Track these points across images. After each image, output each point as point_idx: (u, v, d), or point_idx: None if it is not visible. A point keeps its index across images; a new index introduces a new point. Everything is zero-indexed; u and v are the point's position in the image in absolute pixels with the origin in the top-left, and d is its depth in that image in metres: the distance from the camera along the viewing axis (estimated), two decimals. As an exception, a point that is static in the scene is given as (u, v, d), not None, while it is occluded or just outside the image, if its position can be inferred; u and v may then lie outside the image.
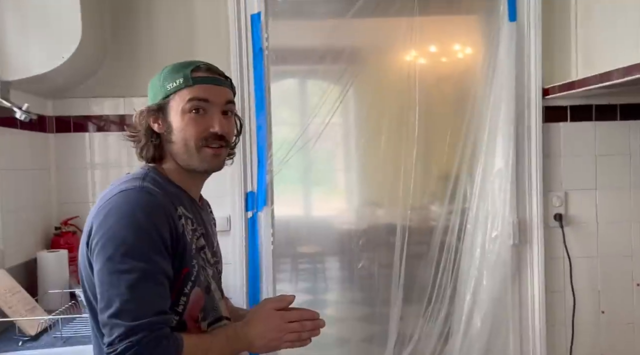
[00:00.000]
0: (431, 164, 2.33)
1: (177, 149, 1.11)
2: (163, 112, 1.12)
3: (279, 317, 1.08)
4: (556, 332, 2.24)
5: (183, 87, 1.10)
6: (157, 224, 1.00)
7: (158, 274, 0.98)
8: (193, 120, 1.09)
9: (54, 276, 1.88)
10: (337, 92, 2.25)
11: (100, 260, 0.98)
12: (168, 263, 1.01)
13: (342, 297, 2.52)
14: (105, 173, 2.17)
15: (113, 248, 0.97)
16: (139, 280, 0.95)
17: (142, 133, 1.13)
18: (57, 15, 1.83)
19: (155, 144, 1.13)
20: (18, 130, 1.91)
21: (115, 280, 0.96)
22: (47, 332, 1.61)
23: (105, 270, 0.97)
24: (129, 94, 2.14)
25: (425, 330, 2.27)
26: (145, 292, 0.96)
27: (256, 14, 2.16)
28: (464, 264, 2.26)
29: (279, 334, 1.08)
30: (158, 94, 1.13)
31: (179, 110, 1.10)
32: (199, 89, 1.10)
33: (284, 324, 1.08)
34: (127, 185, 1.04)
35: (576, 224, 2.24)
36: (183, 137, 1.10)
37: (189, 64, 1.13)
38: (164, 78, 1.13)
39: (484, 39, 2.26)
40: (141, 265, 0.96)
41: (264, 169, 2.19)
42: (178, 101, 1.10)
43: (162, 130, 1.12)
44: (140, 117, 1.13)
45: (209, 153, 1.11)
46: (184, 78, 1.10)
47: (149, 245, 0.98)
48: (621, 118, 2.24)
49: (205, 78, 1.11)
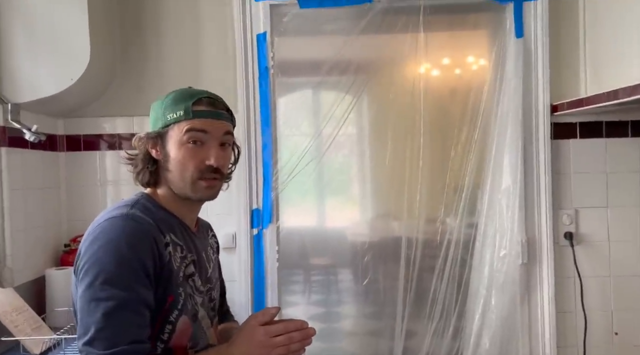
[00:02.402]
0: (438, 177, 2.31)
1: (173, 177, 1.13)
2: (162, 140, 1.14)
3: (262, 333, 1.04)
4: (568, 354, 2.18)
5: (182, 119, 1.11)
6: (140, 253, 1.01)
7: (136, 303, 0.98)
8: (190, 152, 1.11)
9: (61, 294, 1.91)
10: (343, 108, 2.25)
11: (82, 286, 1.00)
12: (149, 292, 1.01)
13: (354, 310, 2.50)
14: (115, 190, 2.20)
15: (94, 275, 0.98)
16: (116, 309, 0.96)
17: (140, 158, 1.16)
18: (66, 38, 1.88)
19: (151, 170, 1.15)
20: (29, 150, 1.95)
21: (93, 307, 0.97)
22: (52, 351, 1.64)
23: (84, 297, 0.98)
24: (138, 113, 2.18)
25: (434, 348, 2.25)
26: (120, 320, 0.96)
27: (262, 33, 2.19)
28: (473, 282, 2.23)
29: (264, 351, 1.03)
30: (158, 121, 1.15)
31: (177, 141, 1.12)
32: (198, 121, 1.12)
33: (269, 340, 1.03)
34: (114, 213, 1.06)
35: (587, 243, 2.20)
36: (179, 167, 1.12)
37: (191, 96, 1.14)
38: (165, 107, 1.14)
39: (491, 54, 2.24)
40: (120, 293, 0.97)
41: (270, 186, 2.20)
42: (177, 132, 1.12)
43: (159, 157, 1.15)
44: (139, 142, 1.16)
45: (202, 185, 1.13)
46: (185, 111, 1.11)
47: (129, 273, 0.99)
48: (632, 135, 2.19)
49: (205, 112, 1.13)
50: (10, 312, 1.64)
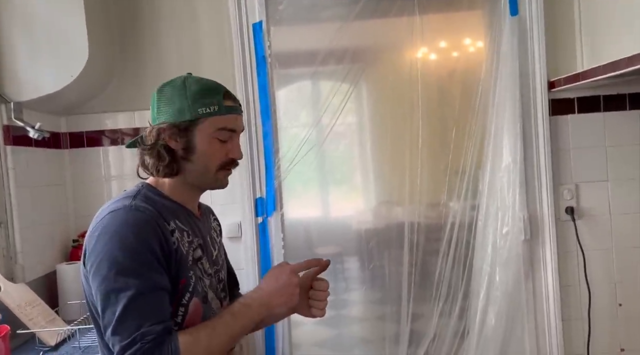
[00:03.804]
0: (438, 160, 2.33)
1: (194, 168, 1.14)
2: (186, 132, 1.12)
3: (288, 270, 1.16)
4: (572, 327, 2.22)
5: (216, 114, 1.12)
6: (147, 240, 1.02)
7: (152, 288, 1.01)
8: (218, 146, 1.14)
9: (73, 287, 1.95)
10: (341, 94, 2.26)
11: (97, 280, 1.02)
12: (163, 276, 1.04)
13: (361, 296, 2.52)
14: (121, 184, 2.22)
15: (106, 269, 1.00)
16: (134, 298, 0.98)
17: (160, 150, 1.12)
18: (64, 36, 1.90)
19: (171, 160, 1.12)
20: (33, 149, 1.98)
21: (113, 299, 0.99)
22: (67, 342, 1.68)
23: (102, 290, 1.01)
24: (139, 107, 2.19)
25: (441, 329, 2.28)
26: (140, 308, 0.99)
27: (257, 22, 2.20)
28: (476, 261, 2.25)
29: (294, 290, 1.16)
30: (185, 113, 1.11)
31: (207, 135, 1.12)
32: (230, 119, 1.15)
33: (295, 277, 1.16)
34: (116, 206, 1.07)
35: (588, 217, 2.22)
36: (205, 160, 1.14)
37: (217, 89, 1.14)
38: (192, 99, 1.11)
39: (487, 34, 2.25)
40: (135, 281, 0.99)
41: (272, 174, 2.22)
42: (208, 126, 1.12)
43: (178, 147, 1.12)
44: (162, 133, 1.12)
45: (222, 176, 1.18)
46: (219, 106, 1.12)
47: (140, 262, 1.01)
48: (630, 108, 2.20)
49: (234, 108, 1.16)
50: (24, 306, 1.68)
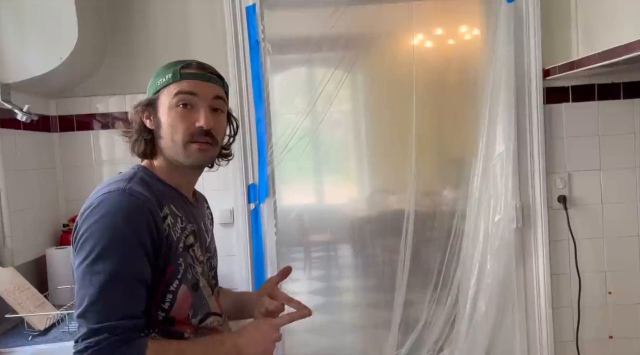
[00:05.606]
0: (433, 148, 2.32)
1: (165, 144, 1.14)
2: (153, 108, 1.14)
3: (271, 325, 1.12)
4: (563, 314, 2.23)
5: (171, 82, 1.12)
6: (137, 227, 1.01)
7: (131, 277, 0.99)
8: (180, 115, 1.11)
9: (63, 272, 1.93)
10: (335, 81, 2.24)
11: (79, 258, 1.01)
12: (146, 266, 1.02)
13: (353, 283, 2.53)
14: (112, 169, 2.20)
15: (89, 249, 0.99)
16: (109, 283, 0.97)
17: (135, 129, 1.16)
18: (54, 17, 1.86)
19: (146, 139, 1.15)
20: (22, 132, 1.95)
21: (88, 280, 0.98)
22: (56, 327, 1.67)
23: (80, 270, 1.00)
24: (130, 91, 2.16)
25: (433, 316, 2.29)
26: (113, 295, 0.97)
27: (251, 6, 2.17)
28: (468, 248, 2.26)
29: (271, 345, 1.11)
30: (150, 89, 1.16)
31: (167, 105, 1.12)
32: (186, 83, 1.12)
33: (275, 333, 1.11)
34: (111, 187, 1.06)
35: (580, 206, 2.22)
36: (170, 131, 1.12)
37: (181, 62, 1.15)
38: (156, 74, 1.16)
39: (482, 21, 2.24)
40: (114, 267, 0.97)
41: (265, 160, 2.21)
42: (166, 95, 1.12)
43: (152, 126, 1.15)
44: (134, 113, 1.16)
45: (194, 148, 1.12)
46: (173, 73, 1.12)
47: (124, 248, 0.99)
48: (625, 96, 2.20)
49: (193, 74, 1.13)
50: (13, 291, 1.66)
